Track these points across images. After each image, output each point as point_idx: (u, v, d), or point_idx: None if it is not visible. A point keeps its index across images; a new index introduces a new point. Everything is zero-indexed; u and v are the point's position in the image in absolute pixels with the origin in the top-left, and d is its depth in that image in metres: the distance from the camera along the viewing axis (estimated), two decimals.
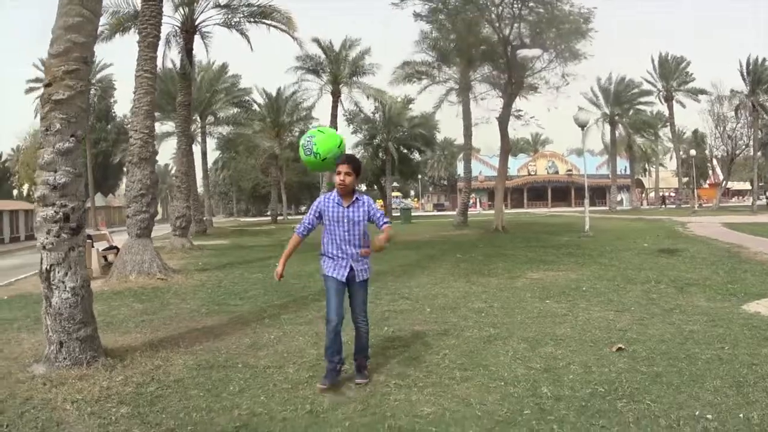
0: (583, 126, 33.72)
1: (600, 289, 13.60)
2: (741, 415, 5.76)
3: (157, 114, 28.06)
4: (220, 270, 19.35)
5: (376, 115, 73.17)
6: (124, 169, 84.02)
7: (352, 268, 7.15)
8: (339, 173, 6.97)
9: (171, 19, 33.26)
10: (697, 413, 5.84)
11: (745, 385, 6.61)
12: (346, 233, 7.12)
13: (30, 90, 69.06)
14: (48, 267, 7.84)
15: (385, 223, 7.24)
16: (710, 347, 8.25)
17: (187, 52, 33.99)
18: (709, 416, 5.75)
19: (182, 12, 33.86)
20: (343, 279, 7.10)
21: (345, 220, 7.09)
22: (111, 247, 20.76)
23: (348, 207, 7.08)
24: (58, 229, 7.85)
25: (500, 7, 33.60)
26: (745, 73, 72.21)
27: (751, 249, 21.66)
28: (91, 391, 6.87)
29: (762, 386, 6.56)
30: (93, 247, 18.66)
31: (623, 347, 8.23)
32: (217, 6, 34.84)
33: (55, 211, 7.83)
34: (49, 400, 6.65)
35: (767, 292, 12.65)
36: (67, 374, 7.51)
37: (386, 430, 5.58)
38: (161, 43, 21.74)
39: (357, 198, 7.15)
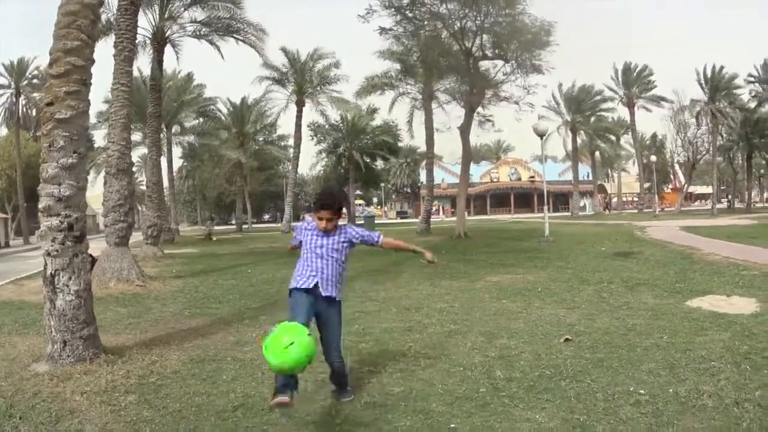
0: (542, 135, 34.72)
1: (554, 289, 14.37)
2: (671, 391, 6.57)
3: None
4: (195, 277, 19.87)
5: (341, 125, 73.93)
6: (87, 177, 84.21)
7: (318, 285, 6.34)
8: (321, 219, 6.37)
9: (141, 30, 33.27)
10: (631, 389, 6.67)
11: (677, 367, 7.45)
12: (320, 260, 6.38)
13: None
14: (53, 272, 8.49)
15: (378, 237, 6.74)
16: (650, 337, 9.10)
17: (158, 63, 34.44)
18: (642, 392, 6.58)
19: (153, 23, 34.40)
20: (310, 286, 6.29)
21: (321, 243, 6.42)
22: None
23: (328, 236, 6.43)
24: (63, 237, 8.53)
25: (463, 21, 34.44)
26: (703, 82, 73.94)
27: (704, 250, 22.35)
28: (98, 384, 7.47)
29: (692, 367, 7.40)
30: None
31: (570, 338, 9.11)
32: (194, 22, 35.60)
33: (60, 221, 8.51)
34: (58, 393, 7.15)
35: (712, 289, 13.43)
36: (71, 370, 8.02)
37: (362, 405, 6.41)
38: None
39: (339, 228, 6.51)
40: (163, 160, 54.44)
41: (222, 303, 14.35)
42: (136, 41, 21.75)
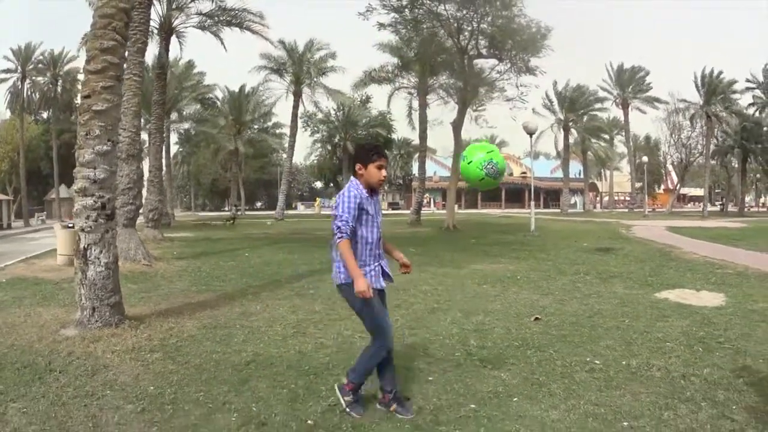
0: (531, 134, 35.76)
1: (532, 278, 15.43)
2: (624, 363, 7.62)
3: None
4: (196, 258, 20.80)
5: (337, 114, 74.75)
6: None
7: (384, 271, 6.06)
8: (381, 167, 5.82)
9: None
10: (588, 360, 7.75)
11: (633, 345, 8.51)
12: (377, 230, 5.93)
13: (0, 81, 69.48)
14: (86, 246, 9.56)
15: None
16: (613, 320, 10.19)
17: (165, 52, 35.19)
18: (597, 362, 7.64)
19: (161, 14, 35.19)
20: (383, 285, 6.08)
21: (376, 215, 5.89)
22: None
23: (374, 199, 5.92)
24: (96, 215, 9.62)
25: (461, 21, 35.31)
26: (699, 85, 74.54)
27: (684, 249, 23.15)
28: (125, 344, 8.50)
29: (647, 346, 8.43)
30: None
31: (540, 318, 10.26)
32: (199, 14, 36.56)
33: (94, 201, 9.60)
34: (90, 352, 8.09)
35: (683, 284, 14.33)
36: (100, 333, 9.02)
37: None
38: None
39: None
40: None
41: (225, 281, 15.36)
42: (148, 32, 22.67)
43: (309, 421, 5.80)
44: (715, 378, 7.02)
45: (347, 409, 5.89)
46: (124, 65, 10.77)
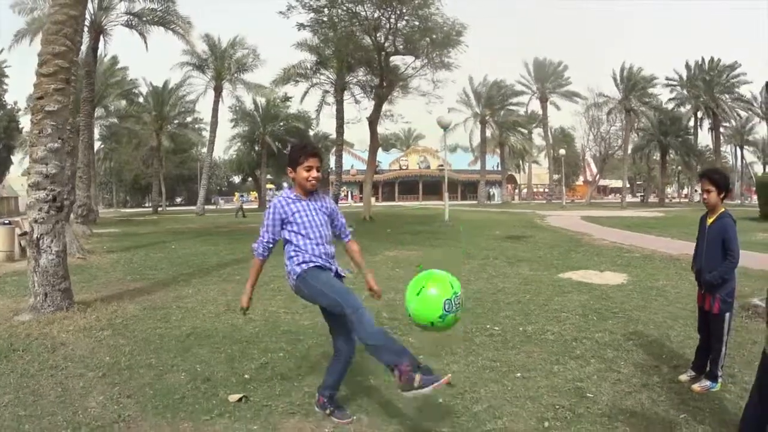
0: (445, 127, 37.07)
1: (443, 262, 16.59)
2: (520, 329, 8.93)
3: None
4: (126, 252, 21.52)
5: (256, 111, 75.09)
6: (12, 158, 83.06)
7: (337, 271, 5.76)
8: (311, 168, 5.53)
9: None
10: (488, 327, 9.06)
11: (531, 315, 9.87)
12: (322, 228, 5.66)
13: None
14: (38, 236, 10.56)
15: (348, 235, 6.19)
16: (515, 296, 11.58)
17: (93, 50, 35.73)
18: (496, 328, 8.94)
19: (91, 14, 35.46)
20: (333, 268, 5.72)
21: (315, 215, 5.64)
22: (25, 233, 22.44)
23: (311, 200, 5.67)
24: (48, 207, 10.63)
25: (378, 20, 36.19)
26: (618, 80, 76.37)
27: (595, 236, 24.68)
28: (77, 325, 9.54)
29: (544, 316, 9.77)
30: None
31: None
32: (129, 13, 37.38)
33: (46, 194, 10.60)
34: (47, 333, 9.04)
35: (588, 266, 15.76)
36: (53, 317, 10.02)
37: (280, 332, 8.75)
38: None
39: (315, 192, 5.79)
40: None
41: (157, 270, 16.39)
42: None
43: (246, 376, 7.03)
44: (606, 340, 8.26)
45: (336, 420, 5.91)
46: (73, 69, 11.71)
